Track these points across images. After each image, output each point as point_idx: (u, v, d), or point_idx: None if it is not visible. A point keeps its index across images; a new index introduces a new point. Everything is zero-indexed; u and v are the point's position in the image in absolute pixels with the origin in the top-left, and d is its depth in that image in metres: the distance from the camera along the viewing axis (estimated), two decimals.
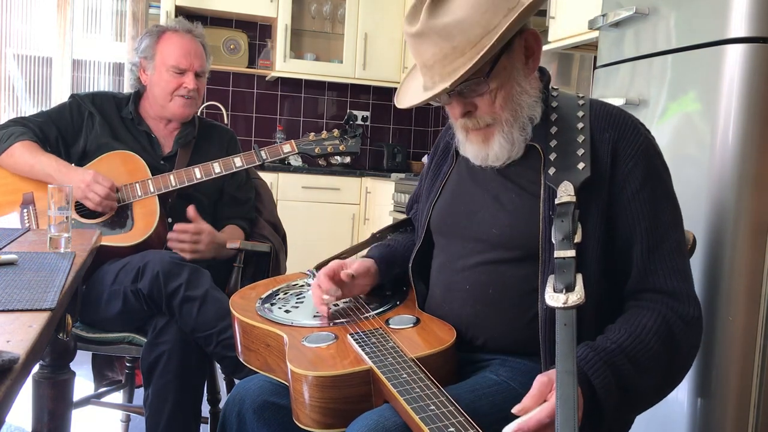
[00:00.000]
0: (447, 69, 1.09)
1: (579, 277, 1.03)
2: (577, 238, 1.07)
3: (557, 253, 1.06)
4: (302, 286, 1.45)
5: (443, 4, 1.08)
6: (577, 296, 1.01)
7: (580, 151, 1.14)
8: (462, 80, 1.07)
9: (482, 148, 1.18)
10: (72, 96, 2.08)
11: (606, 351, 1.03)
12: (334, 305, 1.31)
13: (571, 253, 1.05)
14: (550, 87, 1.24)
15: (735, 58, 1.49)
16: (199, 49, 2.04)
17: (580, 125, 1.17)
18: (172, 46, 2.01)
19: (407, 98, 1.22)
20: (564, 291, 1.02)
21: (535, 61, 1.18)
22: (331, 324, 1.22)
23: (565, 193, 1.10)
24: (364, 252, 1.46)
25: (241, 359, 1.32)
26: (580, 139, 1.15)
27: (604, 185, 1.13)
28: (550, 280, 1.05)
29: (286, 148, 2.04)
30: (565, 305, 1.00)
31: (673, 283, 1.11)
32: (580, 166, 1.12)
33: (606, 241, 1.12)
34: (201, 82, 2.06)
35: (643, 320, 1.07)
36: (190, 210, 1.94)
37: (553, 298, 1.02)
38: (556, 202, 1.10)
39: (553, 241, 1.08)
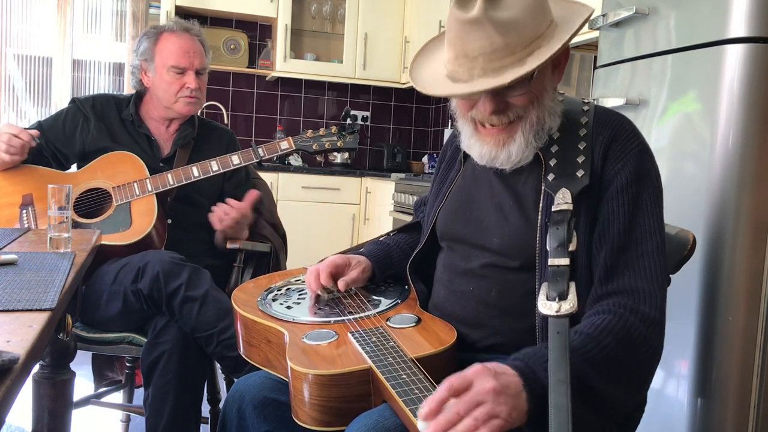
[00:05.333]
0: (493, 65, 1.06)
1: (572, 286, 1.02)
2: (572, 246, 1.05)
3: (551, 261, 1.05)
4: (304, 282, 1.45)
5: None
6: (569, 305, 0.99)
7: (581, 158, 1.13)
8: (517, 81, 1.05)
9: (494, 148, 1.16)
10: (72, 100, 2.09)
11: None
12: (336, 302, 1.32)
13: (565, 261, 1.04)
14: (557, 92, 1.23)
15: (735, 58, 1.49)
16: (198, 47, 2.04)
17: (583, 131, 1.16)
18: (170, 46, 2.01)
19: (435, 87, 1.15)
20: (557, 299, 1.00)
21: (560, 73, 1.18)
22: (332, 321, 1.22)
23: (563, 200, 1.09)
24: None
25: (242, 354, 1.32)
26: (582, 145, 1.14)
27: (596, 190, 1.12)
28: (543, 288, 1.04)
29: (284, 145, 2.04)
30: (558, 314, 0.99)
31: (638, 282, 1.06)
32: (579, 173, 1.12)
33: (590, 247, 1.11)
34: (202, 79, 2.06)
35: (596, 321, 1.03)
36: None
37: (546, 306, 1.01)
38: (553, 209, 1.09)
39: (548, 249, 1.07)
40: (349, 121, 4.65)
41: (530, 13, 1.06)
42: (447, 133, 4.52)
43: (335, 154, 4.50)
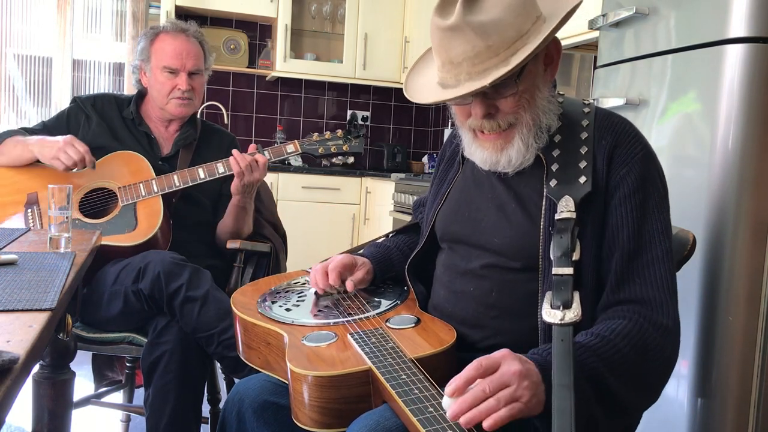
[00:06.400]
0: (477, 68, 1.06)
1: (576, 295, 1.03)
2: (576, 256, 1.06)
3: (555, 270, 1.05)
4: (303, 284, 1.45)
5: (479, 1, 1.06)
6: (573, 313, 1.00)
7: (582, 163, 1.13)
8: (498, 81, 1.05)
9: (494, 153, 1.16)
10: (73, 99, 2.11)
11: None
12: (335, 304, 1.32)
13: (569, 270, 1.04)
14: (556, 93, 1.23)
15: (735, 58, 1.49)
16: (193, 48, 2.04)
17: (584, 135, 1.16)
18: (165, 47, 2.02)
19: (424, 94, 1.17)
20: (561, 308, 1.01)
21: (554, 70, 1.18)
22: (331, 323, 1.22)
23: (566, 208, 1.09)
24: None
25: (242, 357, 1.32)
26: (583, 150, 1.14)
27: (601, 197, 1.11)
28: (548, 297, 1.04)
29: (290, 148, 2.05)
30: (562, 322, 0.99)
31: (650, 292, 1.07)
32: (582, 179, 1.11)
33: (598, 255, 1.11)
34: (196, 81, 2.05)
35: (612, 325, 1.03)
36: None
37: (550, 314, 1.01)
38: (556, 217, 1.09)
39: (552, 258, 1.07)
40: (356, 122, 4.64)
41: (512, 12, 1.06)
42: (447, 133, 4.52)
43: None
